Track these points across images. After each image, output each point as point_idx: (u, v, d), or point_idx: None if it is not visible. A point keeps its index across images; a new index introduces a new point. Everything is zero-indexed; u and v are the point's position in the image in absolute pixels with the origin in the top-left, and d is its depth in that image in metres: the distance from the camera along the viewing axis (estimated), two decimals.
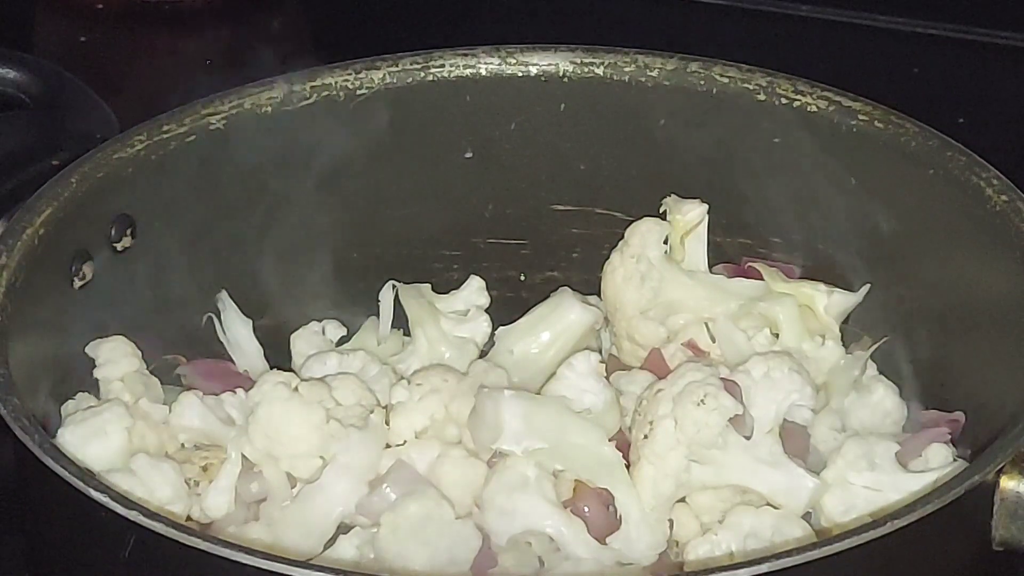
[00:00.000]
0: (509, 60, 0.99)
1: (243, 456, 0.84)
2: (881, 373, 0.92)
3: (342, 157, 0.98)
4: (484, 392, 0.85)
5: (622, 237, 0.94)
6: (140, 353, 0.89)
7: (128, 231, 0.92)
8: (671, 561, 0.83)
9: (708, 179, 0.97)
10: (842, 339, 0.93)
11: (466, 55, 0.99)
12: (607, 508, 0.83)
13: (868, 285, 0.94)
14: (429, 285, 0.98)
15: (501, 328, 0.95)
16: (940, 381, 0.91)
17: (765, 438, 0.83)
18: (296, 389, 0.84)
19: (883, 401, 0.90)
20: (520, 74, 1.00)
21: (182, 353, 0.94)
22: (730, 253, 0.98)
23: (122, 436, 0.83)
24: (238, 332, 0.97)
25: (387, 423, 0.86)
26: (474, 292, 0.99)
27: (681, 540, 0.83)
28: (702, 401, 0.82)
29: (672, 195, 0.96)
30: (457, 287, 0.99)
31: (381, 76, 0.98)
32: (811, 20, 1.37)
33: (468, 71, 0.99)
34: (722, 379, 0.83)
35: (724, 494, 0.83)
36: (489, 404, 0.84)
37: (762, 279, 0.94)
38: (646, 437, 0.82)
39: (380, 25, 1.37)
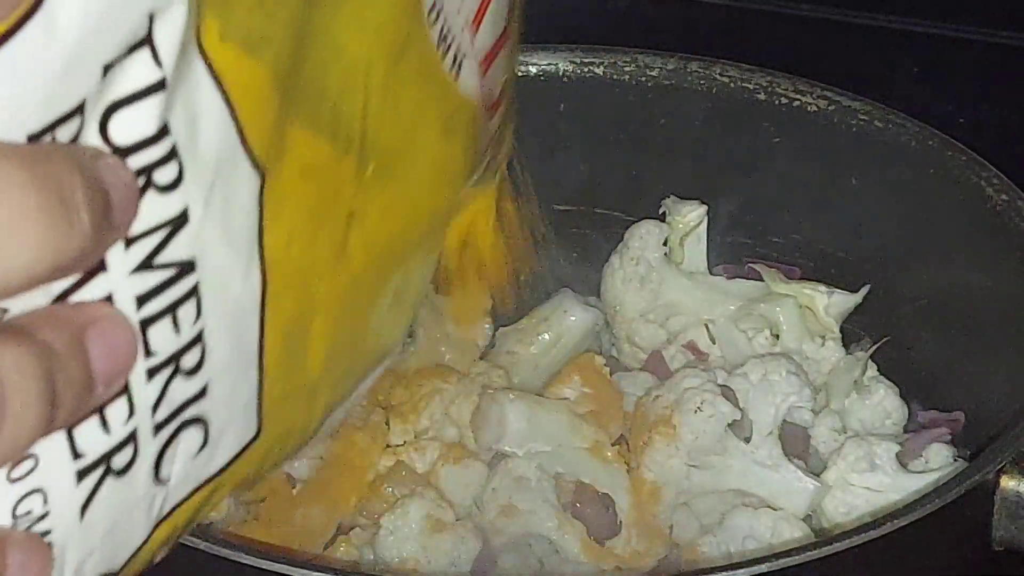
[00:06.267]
0: None
1: None
2: (881, 373, 0.92)
3: None
4: (488, 394, 0.85)
5: (622, 238, 0.94)
6: None
7: None
8: (670, 564, 0.83)
9: (708, 179, 0.97)
10: (842, 340, 0.93)
11: None
12: (607, 511, 0.83)
13: (868, 285, 0.94)
14: (432, 286, 0.98)
15: (502, 329, 0.95)
16: (940, 381, 0.91)
17: (765, 441, 0.83)
18: None
19: (883, 402, 0.90)
20: (520, 74, 0.99)
21: None
22: (730, 254, 0.98)
23: None
24: None
25: (387, 423, 0.86)
26: None
27: (681, 542, 0.83)
28: (699, 408, 0.82)
29: (672, 196, 0.96)
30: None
31: None
32: (811, 20, 1.37)
33: None
34: (719, 385, 0.83)
35: (724, 496, 0.83)
36: (493, 406, 0.84)
37: (762, 280, 0.94)
38: (645, 444, 0.82)
39: None
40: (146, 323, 0.40)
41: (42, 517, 0.39)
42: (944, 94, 1.23)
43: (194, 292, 0.42)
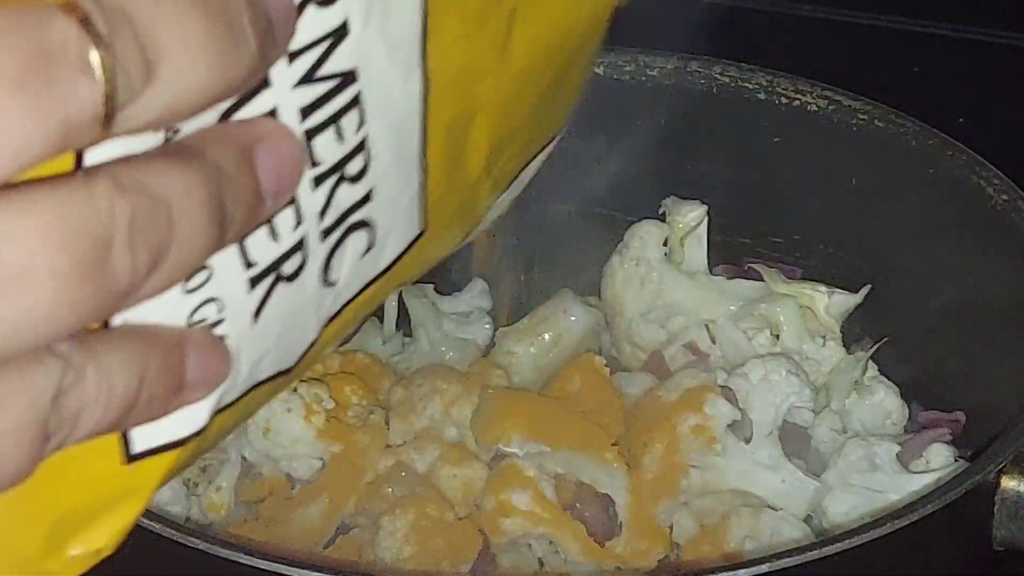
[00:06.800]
0: None
1: (242, 457, 0.84)
2: (881, 373, 0.92)
3: None
4: (488, 393, 0.85)
5: (622, 238, 0.94)
6: None
7: None
8: (670, 564, 0.83)
9: (708, 180, 0.97)
10: (842, 340, 0.93)
11: None
12: (607, 512, 0.83)
13: (868, 285, 0.94)
14: (432, 286, 0.98)
15: (502, 329, 0.95)
16: (940, 381, 0.91)
17: (765, 441, 0.83)
18: (295, 389, 0.84)
19: (884, 402, 0.90)
20: None
21: None
22: (730, 254, 0.98)
23: None
24: None
25: (387, 423, 0.86)
26: (477, 295, 0.99)
27: (681, 542, 0.83)
28: (699, 408, 0.82)
29: (672, 196, 0.95)
30: (458, 288, 0.99)
31: None
32: (811, 20, 1.37)
33: None
34: (719, 385, 0.83)
35: (724, 496, 0.83)
36: (493, 406, 0.84)
37: (762, 280, 0.94)
38: (645, 444, 0.82)
39: None
40: (310, 134, 0.41)
41: (217, 323, 0.40)
42: (944, 94, 1.23)
43: (356, 101, 0.43)
